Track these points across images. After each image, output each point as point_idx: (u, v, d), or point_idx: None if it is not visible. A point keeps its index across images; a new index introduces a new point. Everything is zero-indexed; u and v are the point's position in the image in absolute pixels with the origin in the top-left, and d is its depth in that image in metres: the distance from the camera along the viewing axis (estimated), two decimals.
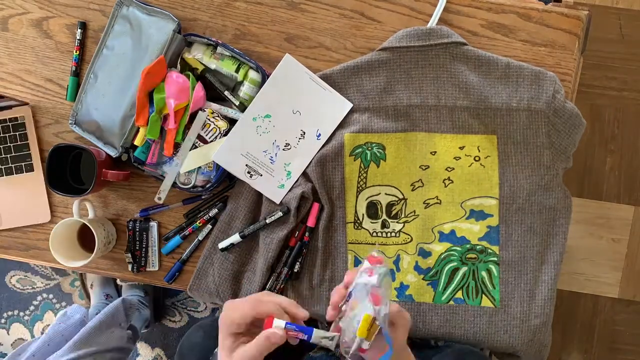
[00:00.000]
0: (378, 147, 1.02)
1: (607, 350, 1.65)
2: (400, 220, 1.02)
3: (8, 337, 1.73)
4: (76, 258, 1.04)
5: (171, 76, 0.98)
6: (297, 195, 1.01)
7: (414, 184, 1.02)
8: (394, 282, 1.02)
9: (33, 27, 1.09)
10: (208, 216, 1.06)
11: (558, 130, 0.98)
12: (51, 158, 1.02)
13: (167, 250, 1.08)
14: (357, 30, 1.04)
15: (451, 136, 1.01)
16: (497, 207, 1.01)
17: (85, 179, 1.07)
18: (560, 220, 1.01)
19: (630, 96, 1.65)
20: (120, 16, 1.03)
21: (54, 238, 1.02)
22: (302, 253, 1.03)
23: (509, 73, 0.98)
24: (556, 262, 1.00)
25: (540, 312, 1.00)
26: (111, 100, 1.02)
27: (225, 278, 1.04)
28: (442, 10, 1.01)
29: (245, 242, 1.05)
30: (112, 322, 1.26)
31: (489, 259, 1.01)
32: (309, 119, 1.02)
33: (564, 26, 1.01)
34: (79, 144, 1.03)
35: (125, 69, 1.01)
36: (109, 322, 1.25)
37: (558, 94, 0.97)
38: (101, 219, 1.07)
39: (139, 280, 1.11)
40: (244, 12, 1.05)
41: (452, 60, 0.99)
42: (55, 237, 1.03)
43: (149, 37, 1.00)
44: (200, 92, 1.00)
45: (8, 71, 1.10)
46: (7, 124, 1.09)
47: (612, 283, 1.65)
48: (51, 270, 1.71)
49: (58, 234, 1.03)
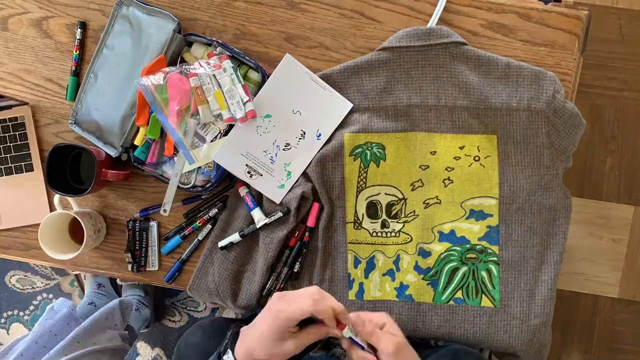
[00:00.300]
0: (378, 147, 1.02)
1: (607, 350, 1.65)
2: (400, 220, 1.02)
3: (8, 336, 1.73)
4: (72, 251, 1.04)
5: (172, 78, 0.98)
6: (298, 196, 1.01)
7: (414, 183, 1.02)
8: (394, 282, 1.02)
9: (33, 27, 1.09)
10: (208, 216, 1.06)
11: (558, 130, 0.98)
12: (51, 158, 1.01)
13: (167, 250, 1.08)
14: (357, 30, 1.04)
15: (451, 136, 1.01)
16: (497, 207, 1.01)
17: (85, 179, 1.07)
18: (560, 220, 1.01)
19: (630, 96, 1.65)
20: (120, 16, 1.03)
21: (43, 234, 1.03)
22: (302, 253, 1.03)
23: (509, 73, 0.98)
24: (556, 262, 1.00)
25: (540, 312, 1.00)
26: (111, 100, 1.02)
27: (225, 278, 1.03)
28: (442, 10, 1.01)
29: (245, 242, 1.05)
30: (106, 324, 1.24)
31: (489, 259, 1.01)
32: (309, 119, 1.02)
33: (564, 26, 1.01)
34: (78, 144, 1.03)
35: (125, 69, 1.01)
36: (103, 323, 1.23)
37: (558, 94, 0.97)
38: (85, 210, 1.07)
39: (138, 280, 1.11)
40: (244, 12, 1.05)
41: (452, 60, 0.99)
42: (45, 233, 1.03)
43: (149, 36, 1.00)
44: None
45: (8, 71, 1.10)
46: (7, 124, 1.09)
47: (612, 283, 1.65)
48: (51, 270, 1.71)
49: (47, 230, 1.03)
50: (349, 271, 1.03)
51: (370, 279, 1.03)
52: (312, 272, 1.04)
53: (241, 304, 1.04)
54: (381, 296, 1.02)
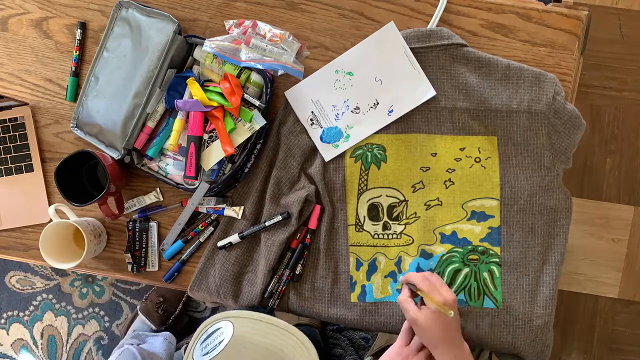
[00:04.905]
0: (378, 149, 1.02)
1: (607, 351, 1.65)
2: (402, 222, 1.02)
3: (8, 337, 1.73)
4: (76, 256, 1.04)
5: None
6: (301, 199, 1.01)
7: (415, 185, 1.02)
8: (396, 283, 1.02)
9: (33, 28, 1.09)
10: (210, 219, 1.06)
11: (558, 132, 0.98)
12: (59, 175, 0.99)
13: (169, 255, 1.08)
14: (357, 30, 1.04)
15: (451, 137, 1.01)
16: (498, 208, 1.01)
17: (104, 182, 1.06)
18: (561, 221, 1.01)
19: (630, 96, 1.65)
20: (120, 18, 1.03)
21: (44, 242, 1.02)
22: (304, 255, 1.03)
23: (509, 75, 0.98)
24: (557, 262, 1.00)
25: (542, 312, 1.00)
26: (112, 102, 1.02)
27: (226, 279, 1.03)
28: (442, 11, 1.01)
29: (247, 244, 1.05)
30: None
31: (491, 260, 1.01)
32: (388, 91, 1.01)
33: (564, 26, 1.01)
34: (85, 150, 1.00)
35: (126, 71, 1.01)
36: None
37: (558, 96, 0.97)
38: (83, 218, 1.06)
39: (138, 280, 1.11)
40: (243, 12, 1.05)
41: (452, 62, 0.99)
42: (46, 242, 1.02)
43: (149, 38, 1.00)
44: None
45: (8, 71, 1.10)
46: (7, 124, 1.09)
47: (612, 283, 1.65)
48: (51, 271, 1.71)
49: (48, 238, 1.03)
50: (351, 273, 1.03)
51: (372, 281, 1.02)
52: (314, 275, 1.04)
53: (242, 304, 1.04)
54: (383, 298, 1.02)
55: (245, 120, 1.00)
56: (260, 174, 1.04)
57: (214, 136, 1.02)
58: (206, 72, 1.02)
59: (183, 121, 1.01)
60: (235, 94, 0.98)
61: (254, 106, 1.01)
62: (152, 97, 1.01)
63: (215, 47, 0.98)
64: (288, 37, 1.01)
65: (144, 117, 1.02)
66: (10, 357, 1.72)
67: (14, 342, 1.73)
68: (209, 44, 0.98)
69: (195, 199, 1.03)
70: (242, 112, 1.00)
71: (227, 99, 0.99)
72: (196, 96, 0.99)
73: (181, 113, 1.01)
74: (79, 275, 1.71)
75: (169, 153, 1.04)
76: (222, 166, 1.02)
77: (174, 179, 1.04)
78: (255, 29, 1.01)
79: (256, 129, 1.00)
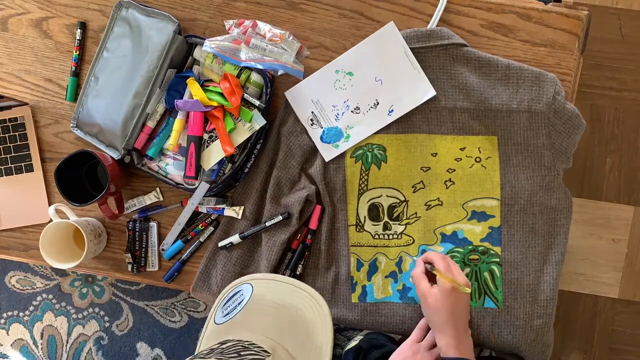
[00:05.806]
0: (379, 149, 1.02)
1: (607, 350, 1.65)
2: (402, 222, 1.02)
3: (8, 337, 1.73)
4: (76, 256, 1.04)
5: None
6: (302, 199, 1.01)
7: (415, 185, 1.02)
8: (396, 284, 1.02)
9: (33, 27, 1.09)
10: (210, 219, 1.06)
11: (558, 131, 0.98)
12: (59, 175, 0.99)
13: (169, 255, 1.08)
14: (357, 30, 1.04)
15: (452, 137, 1.01)
16: (498, 208, 1.01)
17: (105, 182, 1.06)
18: (562, 221, 1.01)
19: (630, 96, 1.65)
20: (120, 18, 1.03)
21: (44, 243, 1.02)
22: (305, 255, 1.03)
23: (509, 74, 0.98)
24: (558, 262, 1.00)
25: (543, 312, 1.00)
26: (112, 102, 1.02)
27: (228, 279, 1.03)
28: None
29: (248, 244, 1.05)
30: None
31: (492, 260, 1.01)
32: (388, 91, 1.01)
33: (564, 26, 1.01)
34: (85, 150, 1.00)
35: (126, 71, 1.01)
36: None
37: (558, 96, 0.97)
38: (83, 218, 1.07)
39: (138, 280, 1.11)
40: (243, 12, 1.05)
41: (452, 62, 0.99)
42: (46, 242, 1.02)
43: (149, 38, 1.00)
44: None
45: (8, 71, 1.10)
46: (7, 124, 1.09)
47: (612, 283, 1.65)
48: (51, 271, 1.71)
49: (48, 238, 1.03)
50: (352, 274, 1.03)
51: (372, 281, 1.02)
52: (314, 275, 1.04)
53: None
54: (384, 298, 1.02)
55: (245, 120, 1.00)
56: (260, 174, 1.04)
57: (214, 136, 1.02)
58: (206, 72, 1.02)
59: (183, 121, 1.01)
60: (235, 94, 0.98)
61: (254, 106, 1.01)
62: (152, 97, 1.01)
63: (215, 47, 0.98)
64: (288, 37, 1.01)
65: (144, 117, 1.02)
66: (10, 357, 1.72)
67: (14, 342, 1.73)
68: (209, 44, 0.98)
69: (195, 199, 1.03)
70: (242, 112, 1.00)
71: (227, 99, 0.99)
72: (196, 96, 0.99)
73: (181, 113, 1.01)
74: (79, 275, 1.71)
75: (169, 153, 1.04)
76: (222, 166, 1.02)
77: (174, 179, 1.04)
78: (255, 29, 1.01)
79: (256, 129, 1.00)
